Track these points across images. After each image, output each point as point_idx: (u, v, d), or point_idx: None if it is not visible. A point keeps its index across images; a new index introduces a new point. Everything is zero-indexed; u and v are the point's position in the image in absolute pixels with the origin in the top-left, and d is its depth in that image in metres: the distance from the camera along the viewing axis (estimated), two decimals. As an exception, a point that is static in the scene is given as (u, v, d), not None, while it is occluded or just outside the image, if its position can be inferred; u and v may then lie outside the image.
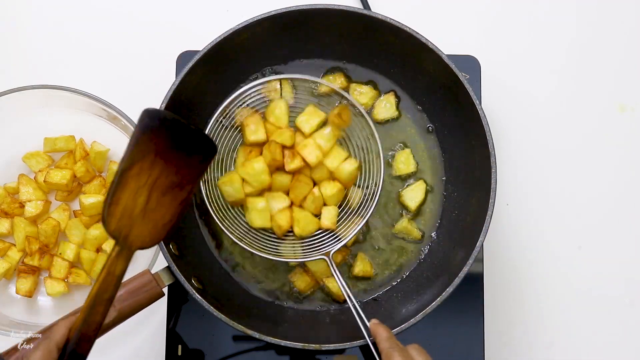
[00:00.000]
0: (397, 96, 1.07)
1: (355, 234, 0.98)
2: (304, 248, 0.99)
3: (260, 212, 0.97)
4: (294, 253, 0.99)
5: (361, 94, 1.06)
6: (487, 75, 1.10)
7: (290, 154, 0.96)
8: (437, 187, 1.06)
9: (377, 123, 1.06)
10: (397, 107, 1.07)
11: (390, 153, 1.06)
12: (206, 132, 0.96)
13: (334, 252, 0.96)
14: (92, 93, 1.04)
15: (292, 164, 0.96)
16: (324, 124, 0.99)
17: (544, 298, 1.11)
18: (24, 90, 1.03)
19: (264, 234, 1.00)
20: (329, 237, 0.99)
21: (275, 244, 0.99)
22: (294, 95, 1.05)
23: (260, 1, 1.09)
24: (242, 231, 0.99)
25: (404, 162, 1.05)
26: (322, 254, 0.96)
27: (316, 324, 1.02)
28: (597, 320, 1.11)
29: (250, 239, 0.98)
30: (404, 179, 1.06)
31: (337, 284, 0.94)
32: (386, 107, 1.06)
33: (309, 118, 0.98)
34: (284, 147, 0.97)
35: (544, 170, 1.15)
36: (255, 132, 0.97)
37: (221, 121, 0.98)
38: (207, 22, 1.18)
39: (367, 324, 0.88)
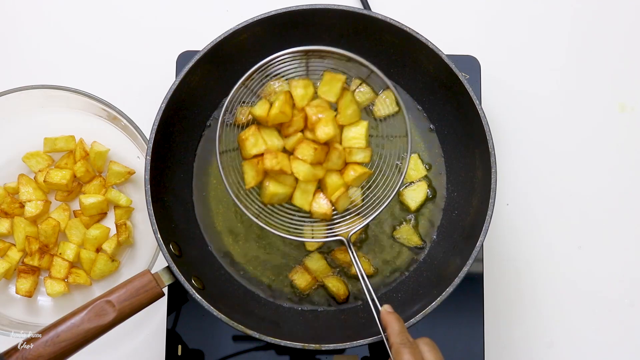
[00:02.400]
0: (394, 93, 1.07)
1: (375, 217, 0.94)
2: (322, 231, 0.97)
3: (303, 192, 0.94)
4: (312, 237, 0.97)
5: (360, 93, 1.06)
6: (487, 75, 1.10)
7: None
8: (437, 187, 1.06)
9: (378, 120, 1.06)
10: (397, 103, 1.07)
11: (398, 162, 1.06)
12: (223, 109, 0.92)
13: (352, 234, 0.94)
14: (92, 93, 1.04)
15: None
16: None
17: (544, 298, 1.11)
18: (24, 90, 1.03)
19: (283, 217, 0.97)
20: (346, 221, 0.97)
21: (294, 227, 0.96)
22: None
23: (260, 1, 1.09)
24: (258, 211, 0.96)
25: (414, 168, 1.05)
26: (340, 236, 0.94)
27: (316, 323, 1.02)
28: (597, 320, 1.11)
29: (268, 219, 0.96)
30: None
31: (354, 269, 0.92)
32: (386, 102, 1.06)
33: (330, 87, 0.93)
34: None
35: (544, 170, 1.15)
36: (255, 144, 0.92)
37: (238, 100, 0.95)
38: (207, 22, 1.18)
39: (379, 308, 0.87)
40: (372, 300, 0.88)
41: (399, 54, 1.03)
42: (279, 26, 1.00)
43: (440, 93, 1.02)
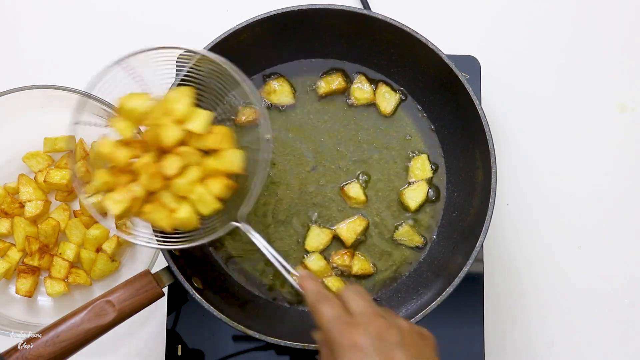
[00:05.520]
0: (387, 83, 1.07)
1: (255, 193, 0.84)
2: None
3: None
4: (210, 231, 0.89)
5: (360, 90, 1.06)
6: (487, 75, 1.10)
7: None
8: (437, 187, 1.06)
9: (387, 116, 1.06)
10: (394, 89, 1.07)
11: (406, 162, 1.06)
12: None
13: (243, 215, 0.86)
14: (92, 93, 1.04)
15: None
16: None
17: (544, 298, 1.11)
18: (24, 90, 1.03)
19: None
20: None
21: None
22: (295, 95, 1.06)
23: (260, 1, 1.09)
24: None
25: (421, 168, 1.05)
26: (232, 222, 0.87)
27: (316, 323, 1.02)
28: (597, 320, 1.11)
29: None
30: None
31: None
32: (386, 96, 1.06)
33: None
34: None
35: (544, 170, 1.15)
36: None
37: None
38: (207, 22, 1.18)
39: (296, 273, 0.82)
40: (288, 271, 0.84)
41: (399, 54, 1.03)
42: (279, 26, 1.00)
43: (440, 93, 1.02)
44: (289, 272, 0.85)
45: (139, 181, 0.83)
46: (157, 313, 1.08)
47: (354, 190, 1.04)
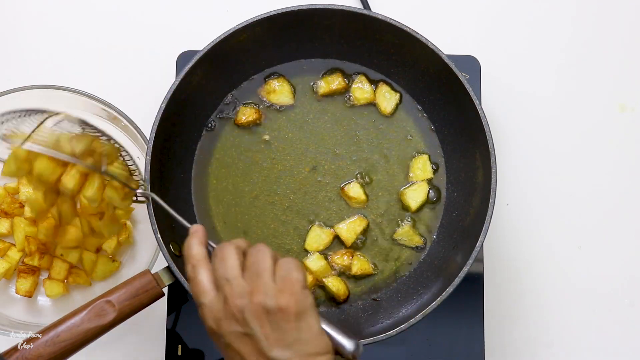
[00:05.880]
0: (387, 83, 1.07)
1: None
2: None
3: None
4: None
5: (360, 90, 1.06)
6: (487, 75, 1.10)
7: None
8: (437, 187, 1.06)
9: (387, 116, 1.06)
10: (394, 89, 1.07)
11: (407, 162, 1.06)
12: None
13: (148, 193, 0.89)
14: (92, 93, 1.04)
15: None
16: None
17: (544, 298, 1.11)
18: (24, 90, 1.03)
19: None
20: None
21: None
22: (295, 95, 1.06)
23: (260, 1, 1.09)
24: None
25: (421, 169, 1.05)
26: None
27: (316, 324, 1.02)
28: (597, 320, 1.11)
29: None
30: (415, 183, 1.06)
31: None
32: (386, 96, 1.06)
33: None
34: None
35: (544, 170, 1.15)
36: None
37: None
38: (207, 22, 1.18)
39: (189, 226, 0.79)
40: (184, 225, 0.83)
41: (399, 54, 1.03)
42: (279, 26, 1.00)
43: (440, 93, 1.02)
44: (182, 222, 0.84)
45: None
46: (157, 313, 1.08)
47: (354, 190, 1.04)
